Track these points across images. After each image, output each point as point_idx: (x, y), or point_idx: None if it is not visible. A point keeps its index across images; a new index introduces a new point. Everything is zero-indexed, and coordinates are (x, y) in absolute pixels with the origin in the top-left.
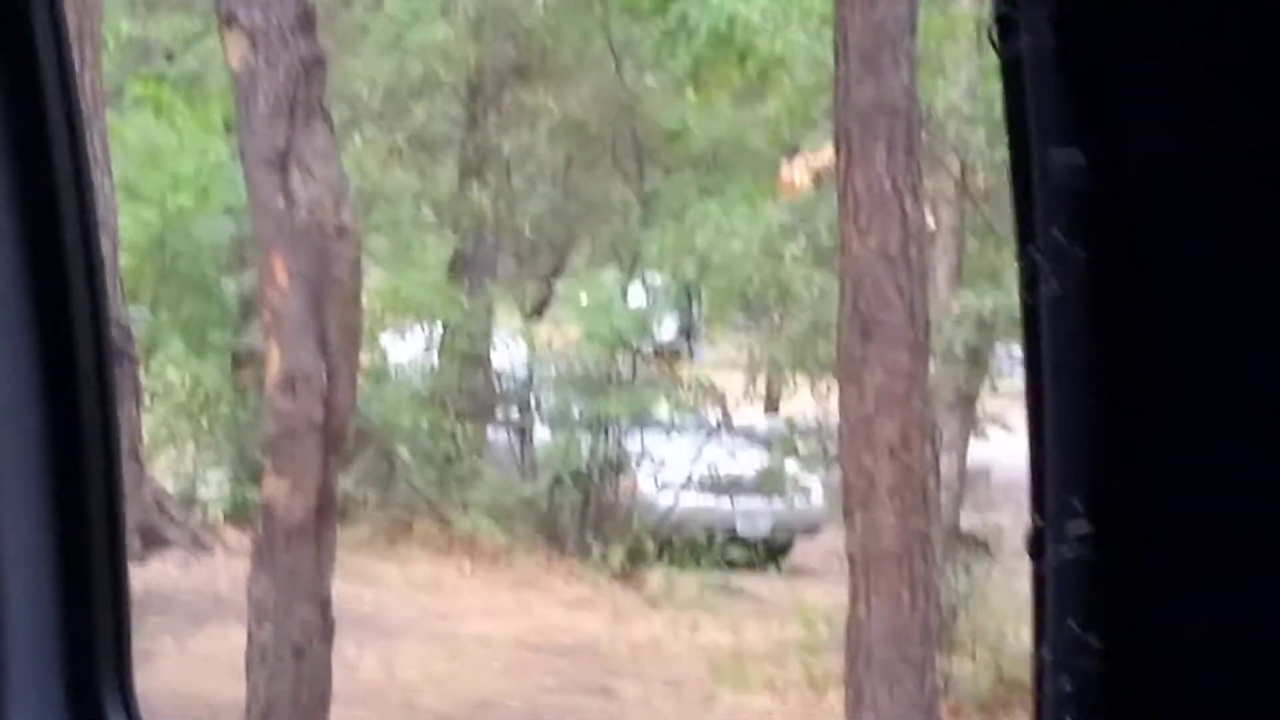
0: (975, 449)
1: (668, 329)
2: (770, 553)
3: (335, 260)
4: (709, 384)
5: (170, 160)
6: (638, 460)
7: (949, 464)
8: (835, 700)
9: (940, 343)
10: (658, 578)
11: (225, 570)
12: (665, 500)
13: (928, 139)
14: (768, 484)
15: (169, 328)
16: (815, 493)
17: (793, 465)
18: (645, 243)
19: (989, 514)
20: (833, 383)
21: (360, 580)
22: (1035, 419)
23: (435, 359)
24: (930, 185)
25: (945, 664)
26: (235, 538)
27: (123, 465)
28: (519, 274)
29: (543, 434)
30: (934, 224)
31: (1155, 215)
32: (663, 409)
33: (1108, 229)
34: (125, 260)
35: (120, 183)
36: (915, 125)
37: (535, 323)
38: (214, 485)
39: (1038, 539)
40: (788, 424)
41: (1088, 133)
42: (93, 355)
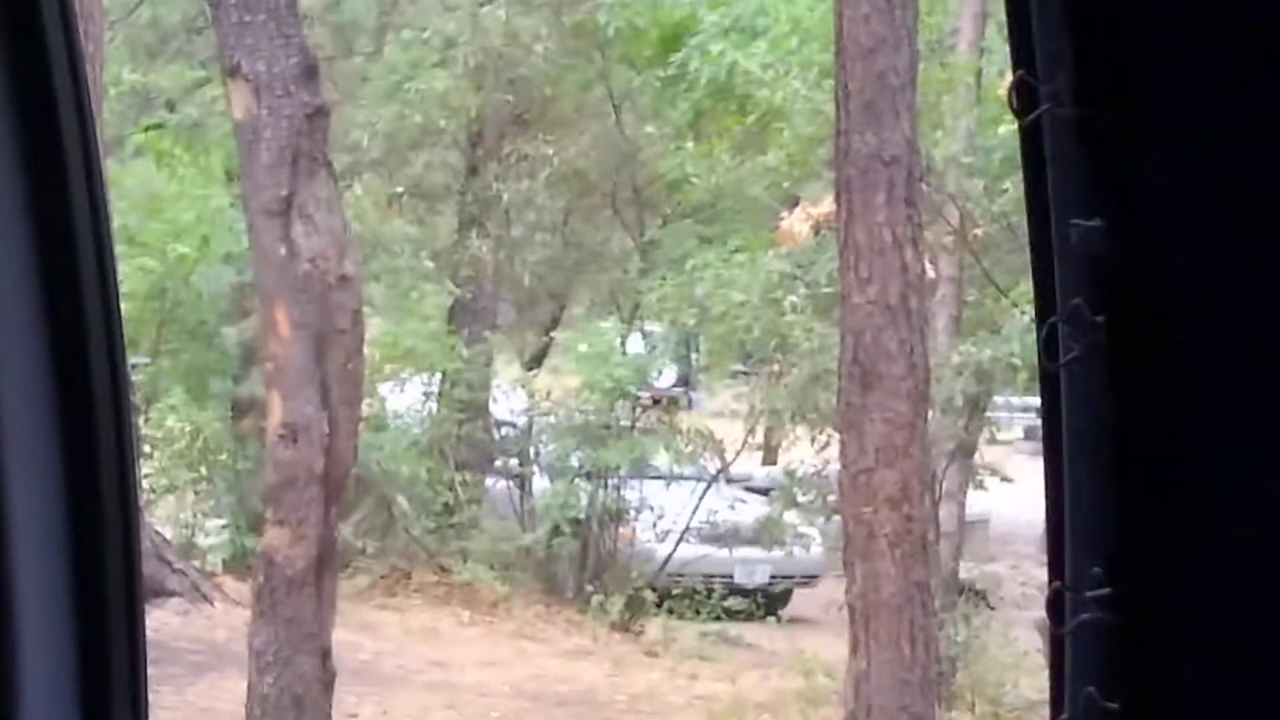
0: (974, 499)
1: (667, 378)
2: (769, 603)
3: (337, 310)
4: (708, 433)
5: (171, 209)
6: (636, 510)
7: (948, 514)
8: None
9: (940, 393)
10: (656, 627)
11: (225, 620)
12: (664, 550)
13: (928, 190)
14: (767, 534)
15: (169, 376)
16: (814, 543)
17: (792, 515)
18: (644, 292)
19: (988, 564)
20: (832, 432)
21: (359, 629)
22: (1054, 483)
23: (434, 408)
24: (930, 236)
25: (944, 715)
26: (235, 587)
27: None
28: (518, 323)
29: (541, 483)
30: (934, 274)
31: (1175, 282)
32: (662, 458)
33: (1127, 296)
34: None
35: (121, 231)
36: (915, 176)
37: (534, 372)
38: (214, 534)
39: (1057, 603)
40: (787, 473)
41: (1107, 200)
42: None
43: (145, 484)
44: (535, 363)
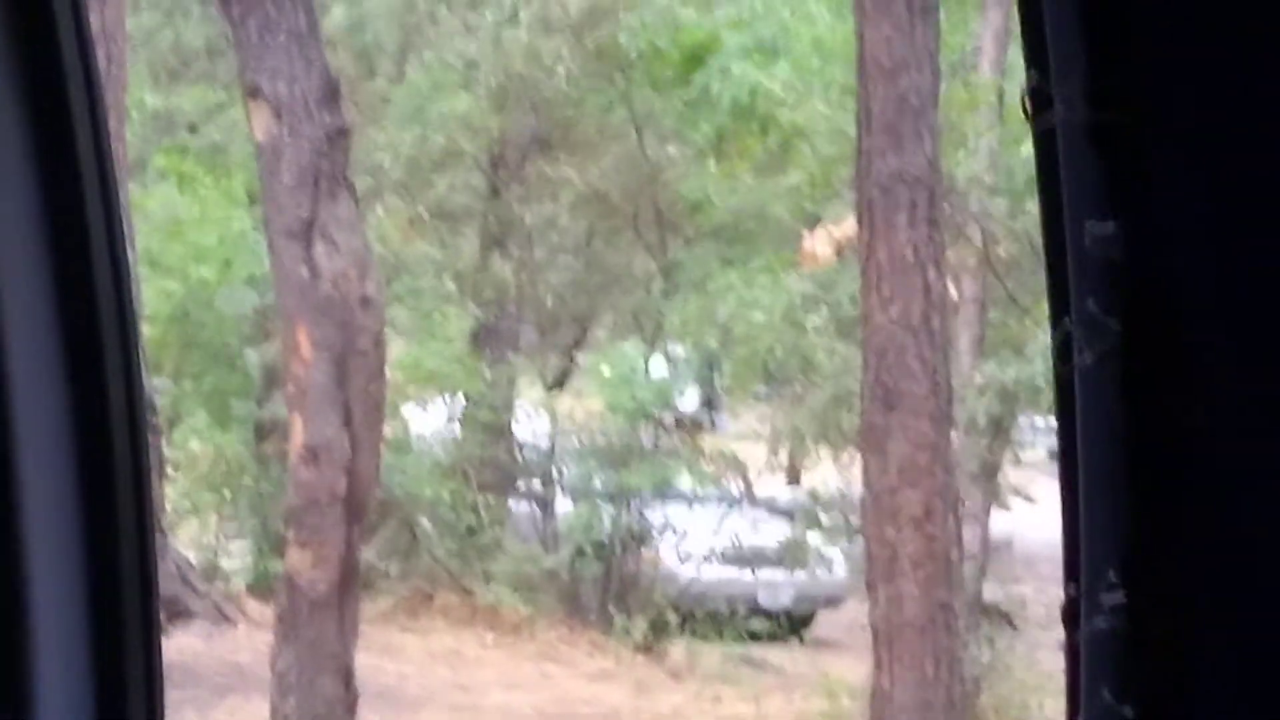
0: (998, 520)
1: (690, 400)
2: (793, 624)
3: (359, 332)
4: (731, 455)
5: (193, 231)
6: (660, 532)
7: (972, 535)
8: None
9: (963, 413)
10: (680, 650)
11: (248, 642)
12: (687, 572)
13: (950, 210)
14: (790, 555)
15: (192, 399)
16: (838, 564)
17: (815, 536)
18: (667, 314)
19: (1012, 585)
20: (855, 453)
21: (382, 652)
22: (1069, 489)
23: (457, 430)
24: (952, 256)
25: None
26: (258, 609)
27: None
28: (541, 345)
29: (565, 505)
30: (956, 294)
31: (1189, 286)
32: (685, 480)
33: (1142, 300)
34: (148, 331)
35: (143, 254)
36: (937, 196)
37: (557, 394)
38: (237, 557)
39: (1072, 609)
40: (810, 495)
41: (1122, 204)
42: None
43: (168, 507)
44: (558, 385)
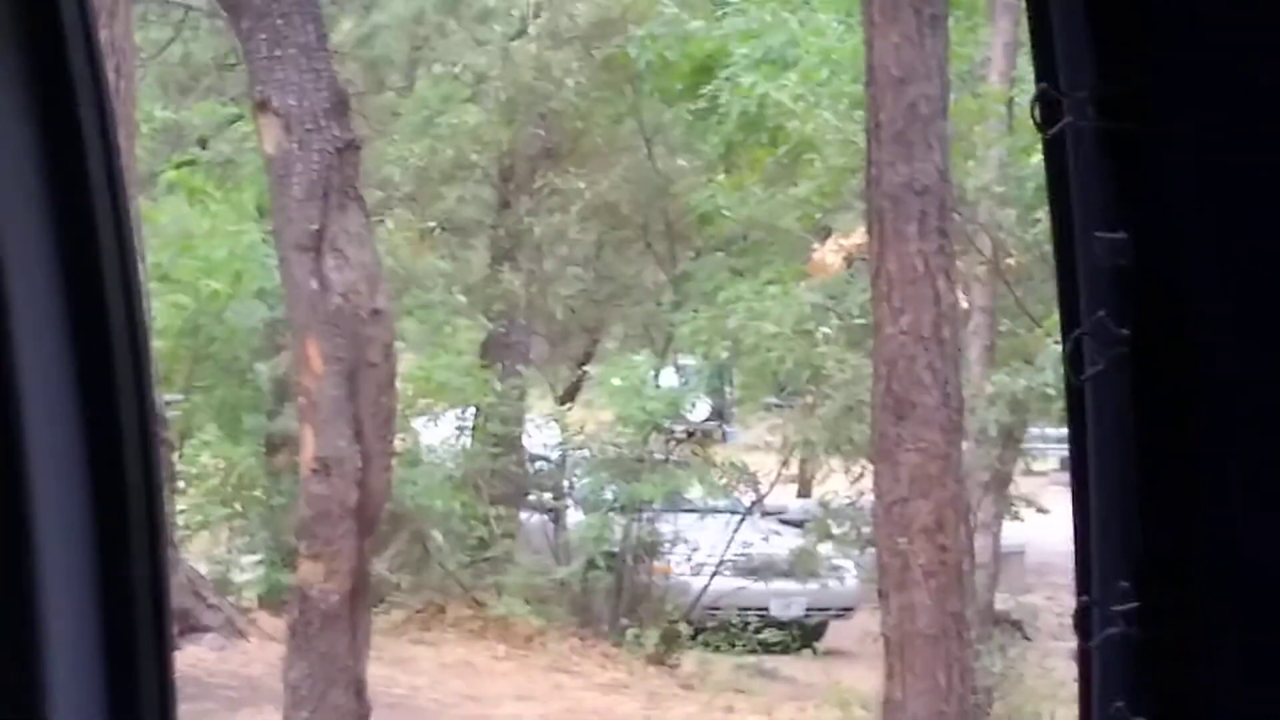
0: (1009, 530)
1: (700, 411)
2: (804, 635)
3: (369, 344)
4: (742, 466)
5: (203, 245)
6: (671, 543)
7: (983, 545)
8: None
9: (974, 423)
10: (692, 660)
11: (260, 654)
12: (699, 583)
13: (960, 219)
14: (801, 566)
15: (202, 412)
16: (849, 574)
17: (826, 547)
18: (677, 325)
19: (1023, 595)
20: (866, 464)
21: (394, 664)
22: (1081, 499)
23: (468, 443)
24: (962, 266)
25: None
26: (270, 622)
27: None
28: (551, 357)
29: (575, 517)
30: (966, 304)
31: (1198, 294)
32: (696, 491)
33: (1152, 308)
34: (159, 345)
35: (153, 268)
36: (947, 206)
37: (568, 406)
38: (248, 569)
39: (1084, 618)
40: (821, 505)
41: (1131, 212)
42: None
43: (180, 520)
44: (568, 396)
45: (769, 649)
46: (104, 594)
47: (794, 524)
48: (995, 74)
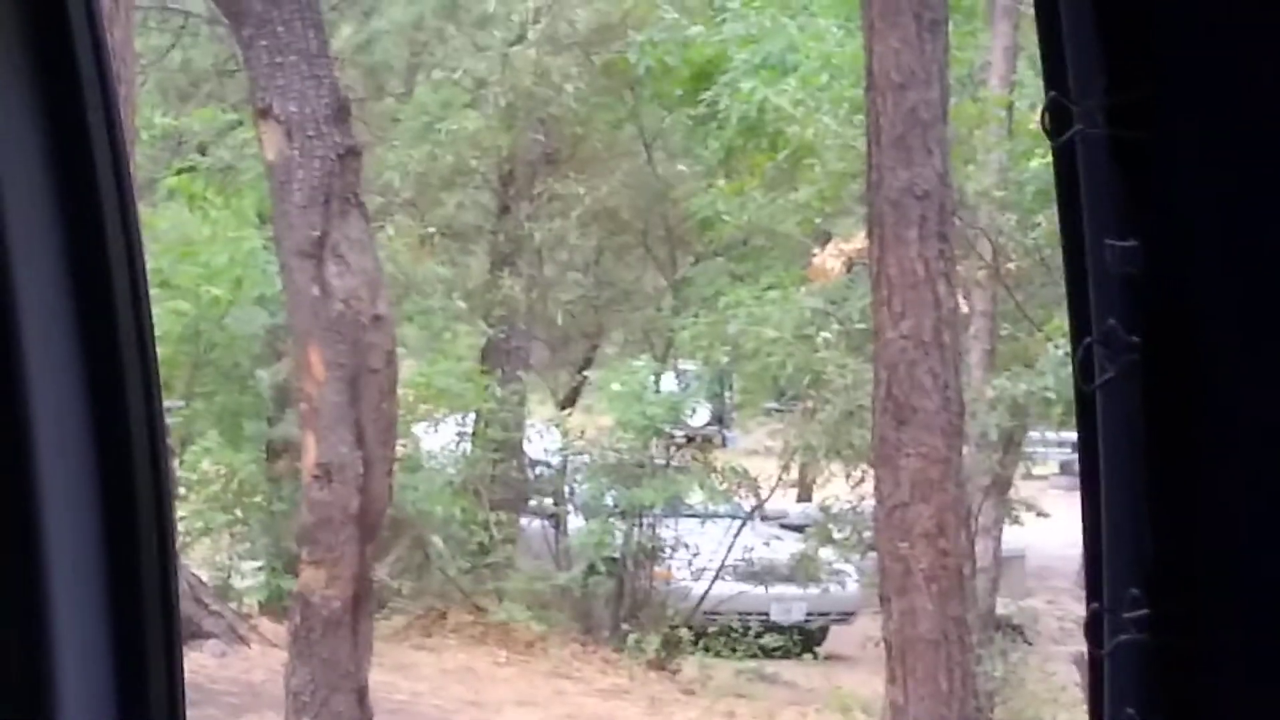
0: (1010, 534)
1: (701, 416)
2: (805, 640)
3: (371, 350)
4: (742, 471)
5: (204, 251)
6: (671, 548)
7: (984, 549)
8: None
9: (974, 428)
10: (693, 666)
11: (262, 661)
12: (699, 588)
13: (960, 224)
14: (802, 570)
15: (204, 418)
16: (850, 579)
17: (827, 551)
18: (677, 330)
19: (1024, 599)
20: (867, 468)
21: (396, 670)
22: (1091, 506)
23: (468, 448)
24: (963, 270)
25: None
26: (271, 628)
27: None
28: (551, 362)
29: (576, 522)
30: (967, 309)
31: (1209, 302)
32: (696, 496)
33: (1162, 316)
34: (160, 351)
35: (154, 274)
36: (948, 210)
37: (568, 411)
38: (249, 576)
39: (1094, 625)
40: (822, 510)
41: (1141, 220)
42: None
43: (181, 527)
44: (569, 402)
45: (770, 654)
46: (113, 595)
47: (795, 529)
48: (995, 78)
